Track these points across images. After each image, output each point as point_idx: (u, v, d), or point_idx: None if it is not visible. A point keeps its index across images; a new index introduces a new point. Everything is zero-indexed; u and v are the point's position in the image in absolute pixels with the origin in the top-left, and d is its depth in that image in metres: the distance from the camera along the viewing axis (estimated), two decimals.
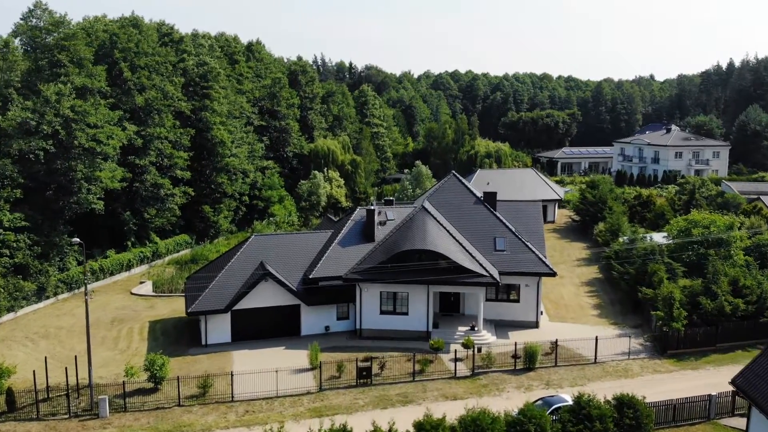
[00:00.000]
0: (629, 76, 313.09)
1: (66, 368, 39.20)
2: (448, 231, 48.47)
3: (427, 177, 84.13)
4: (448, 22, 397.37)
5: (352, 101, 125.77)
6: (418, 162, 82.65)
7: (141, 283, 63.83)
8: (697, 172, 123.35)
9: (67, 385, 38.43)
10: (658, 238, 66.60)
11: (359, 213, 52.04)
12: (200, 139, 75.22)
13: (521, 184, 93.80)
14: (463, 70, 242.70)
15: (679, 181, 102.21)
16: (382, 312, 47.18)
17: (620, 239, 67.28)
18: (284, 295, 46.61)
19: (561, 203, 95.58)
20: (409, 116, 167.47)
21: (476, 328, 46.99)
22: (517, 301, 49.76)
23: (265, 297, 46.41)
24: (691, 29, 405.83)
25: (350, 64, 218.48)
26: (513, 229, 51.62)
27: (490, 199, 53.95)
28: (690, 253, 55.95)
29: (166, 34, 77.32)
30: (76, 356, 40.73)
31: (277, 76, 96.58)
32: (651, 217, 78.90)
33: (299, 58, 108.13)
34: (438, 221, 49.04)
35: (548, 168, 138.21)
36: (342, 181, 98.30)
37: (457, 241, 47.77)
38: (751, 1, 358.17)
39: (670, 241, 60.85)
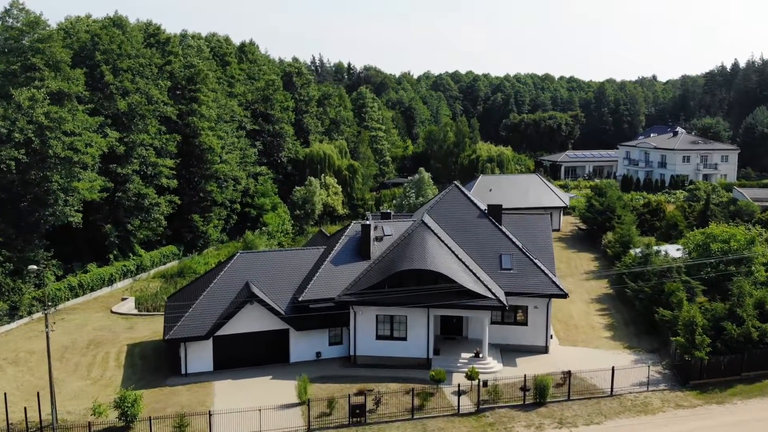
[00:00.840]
0: (631, 77, 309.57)
1: (25, 408, 35.46)
2: (449, 248, 44.68)
3: (429, 184, 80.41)
4: (447, 22, 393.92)
5: (350, 104, 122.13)
6: (421, 169, 78.98)
7: (123, 299, 60.02)
8: (705, 177, 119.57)
9: (27, 425, 34.68)
10: (672, 251, 62.90)
11: (354, 228, 48.21)
12: (188, 145, 71.43)
13: (525, 190, 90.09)
14: (463, 71, 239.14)
15: (688, 187, 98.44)
16: (378, 337, 43.40)
17: (631, 252, 63.55)
18: (271, 319, 42.80)
19: (566, 210, 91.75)
20: (408, 118, 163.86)
21: (480, 355, 43.19)
22: (525, 324, 45.97)
23: (250, 321, 42.61)
24: (691, 30, 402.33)
25: (349, 64, 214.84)
26: (520, 245, 47.82)
27: (494, 212, 50.11)
28: (709, 269, 52.19)
29: (152, 35, 73.48)
30: (38, 393, 36.85)
31: (270, 78, 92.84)
32: (662, 226, 75.09)
33: (295, 60, 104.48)
34: (439, 237, 45.25)
35: (551, 172, 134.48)
36: (339, 188, 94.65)
37: (459, 259, 43.97)
38: (752, 2, 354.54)
39: (686, 256, 57.26)
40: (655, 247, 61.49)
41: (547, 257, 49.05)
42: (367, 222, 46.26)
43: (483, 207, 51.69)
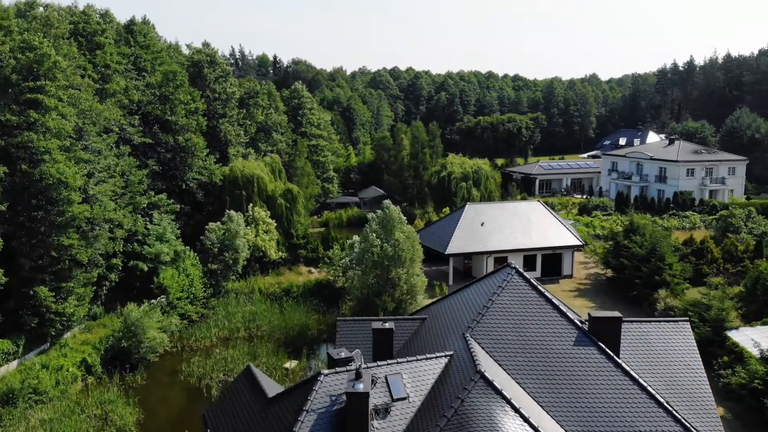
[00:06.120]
0: (570, 76, 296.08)
1: None
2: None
3: (400, 222, 55.03)
4: (379, 17, 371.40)
5: (282, 104, 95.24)
6: (387, 202, 53.76)
7: None
8: (711, 194, 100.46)
9: None
10: None
11: (323, 387, 21.88)
12: (22, 178, 43.32)
13: (527, 225, 66.78)
14: (403, 67, 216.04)
15: (720, 214, 77.59)
16: None
17: (742, 345, 40.89)
18: None
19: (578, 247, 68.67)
20: (348, 120, 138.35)
21: None
22: None
23: None
24: (618, 28, 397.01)
25: (275, 57, 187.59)
26: (664, 401, 23.36)
27: (606, 330, 25.09)
28: None
29: None
30: None
31: (171, 69, 65.16)
32: (743, 288, 52.74)
33: (205, 45, 77.06)
34: (514, 408, 20.20)
35: (524, 186, 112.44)
36: (273, 223, 67.96)
37: None
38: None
39: None
40: (754, 336, 39.51)
41: (707, 418, 25.03)
42: (360, 386, 20.21)
43: (576, 316, 26.74)
